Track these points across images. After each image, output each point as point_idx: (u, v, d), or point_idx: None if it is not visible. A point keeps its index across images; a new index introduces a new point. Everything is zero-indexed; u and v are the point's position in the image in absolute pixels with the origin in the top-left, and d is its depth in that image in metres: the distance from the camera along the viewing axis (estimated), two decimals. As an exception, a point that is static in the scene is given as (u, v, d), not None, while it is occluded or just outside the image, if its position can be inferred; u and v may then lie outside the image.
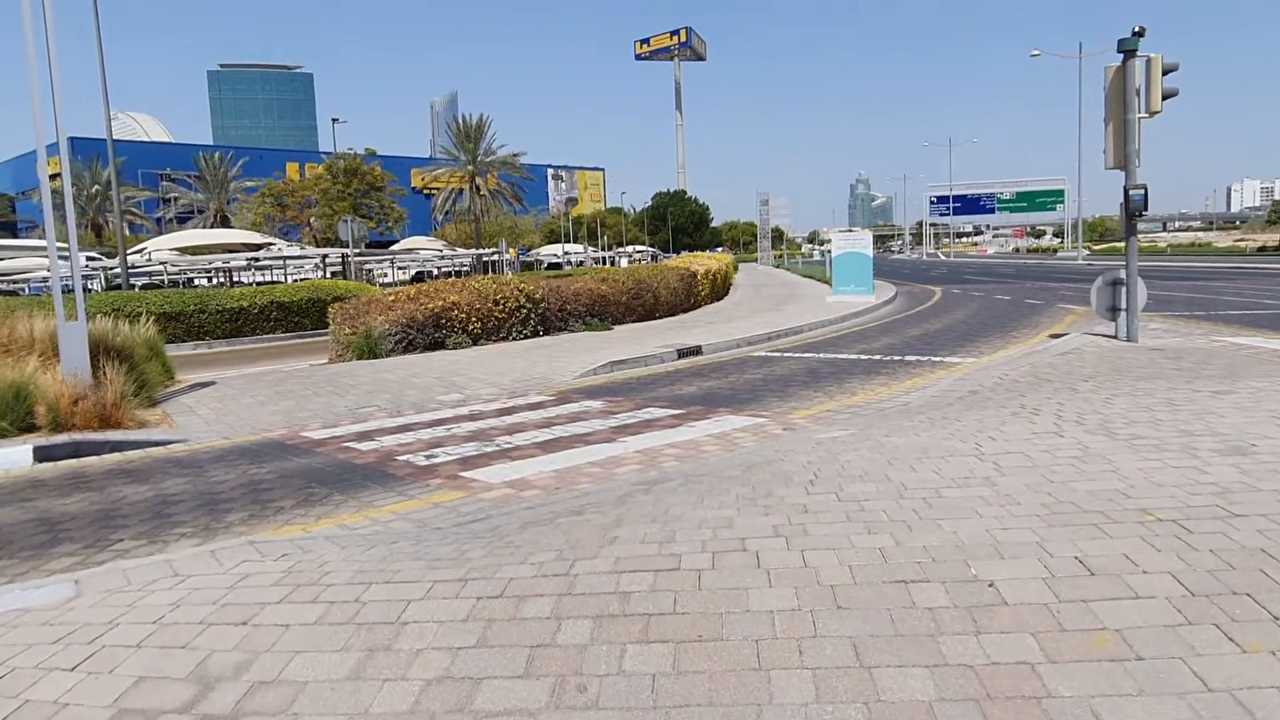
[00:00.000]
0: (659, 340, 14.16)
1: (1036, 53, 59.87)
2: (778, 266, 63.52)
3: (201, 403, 9.85)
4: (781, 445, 6.20)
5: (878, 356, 11.65)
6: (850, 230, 43.23)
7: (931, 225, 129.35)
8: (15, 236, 64.13)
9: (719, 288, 23.51)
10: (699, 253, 27.26)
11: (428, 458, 6.72)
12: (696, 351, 13.11)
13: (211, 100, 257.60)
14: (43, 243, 44.26)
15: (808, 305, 21.00)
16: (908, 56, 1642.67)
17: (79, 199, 51.21)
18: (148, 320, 11.64)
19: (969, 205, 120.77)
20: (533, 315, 14.92)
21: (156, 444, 7.95)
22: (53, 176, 50.00)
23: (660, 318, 18.17)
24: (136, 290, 20.85)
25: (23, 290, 40.65)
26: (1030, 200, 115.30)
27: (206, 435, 8.26)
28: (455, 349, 13.59)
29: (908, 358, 11.40)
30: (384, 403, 9.65)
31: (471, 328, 13.99)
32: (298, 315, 20.88)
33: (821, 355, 12.14)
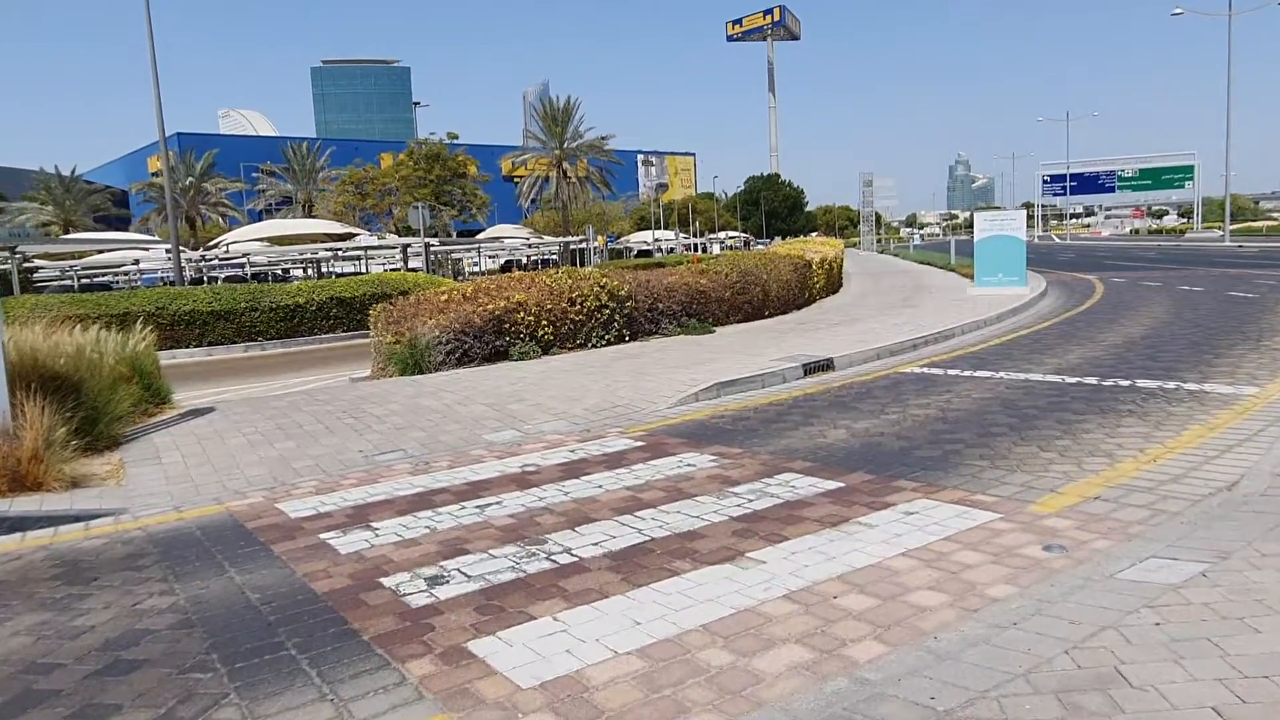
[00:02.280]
0: (775, 349, 11.19)
1: (1179, 11, 53.77)
2: (881, 252, 59.17)
3: (179, 442, 7.46)
4: (1079, 607, 3.23)
5: (1090, 380, 8.41)
6: (997, 209, 38.72)
7: (1041, 207, 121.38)
8: (125, 229, 65.20)
9: (834, 279, 20.27)
10: (810, 237, 24.19)
11: (430, 585, 4.02)
12: (828, 366, 10.11)
13: (315, 96, 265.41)
14: (117, 235, 44.20)
15: (944, 299, 17.59)
16: (1014, 29, 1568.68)
17: (173, 191, 51.31)
18: (144, 328, 9.40)
19: (1086, 184, 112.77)
20: (617, 316, 12.17)
21: (73, 519, 5.53)
22: (154, 174, 50.05)
23: (769, 316, 15.16)
24: (192, 287, 19.10)
25: (117, 284, 40.56)
26: (1155, 177, 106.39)
27: (152, 504, 5.81)
28: (520, 360, 10.97)
29: (1137, 382, 8.12)
30: (412, 446, 7.06)
31: (541, 333, 11.33)
32: (360, 312, 18.70)
33: (1003, 375, 8.96)
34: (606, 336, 12.10)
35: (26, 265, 34.29)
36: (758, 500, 5.06)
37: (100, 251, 40.37)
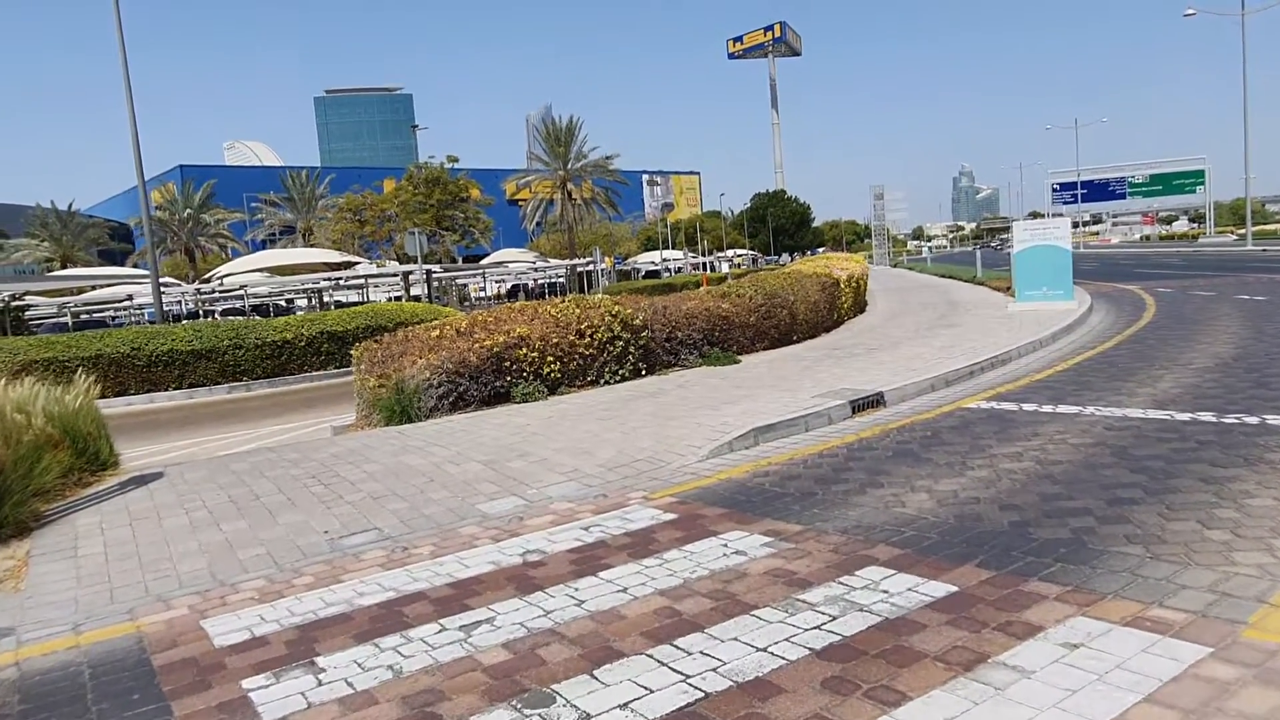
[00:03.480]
0: (812, 381, 9.83)
1: (1191, 12, 52.72)
2: (894, 266, 57.79)
3: (108, 524, 6.13)
4: None
5: (1205, 416, 7.02)
6: (1039, 218, 37.10)
7: (1050, 215, 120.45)
8: (124, 262, 64.40)
9: (860, 297, 18.91)
10: (821, 253, 22.70)
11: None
12: (878, 401, 8.74)
13: (319, 125, 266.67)
14: (106, 271, 43.16)
15: (985, 316, 16.21)
16: (1013, 37, 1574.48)
17: (170, 224, 50.54)
18: (87, 377, 8.10)
19: (1096, 191, 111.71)
20: (631, 348, 10.83)
21: (-68, 651, 4.20)
22: (159, 207, 49.04)
23: (797, 341, 13.80)
24: (170, 325, 17.88)
25: (115, 321, 39.42)
26: (1166, 183, 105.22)
27: (49, 620, 4.49)
28: (524, 402, 9.63)
29: (1267, 419, 6.72)
30: (389, 523, 5.73)
31: (547, 370, 10.00)
32: (353, 347, 17.45)
33: (1093, 411, 7.57)
34: (620, 371, 10.76)
35: (16, 304, 33.31)
36: (843, 617, 3.68)
37: (94, 287, 39.30)
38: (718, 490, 6.04)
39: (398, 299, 37.41)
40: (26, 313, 35.69)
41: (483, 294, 49.06)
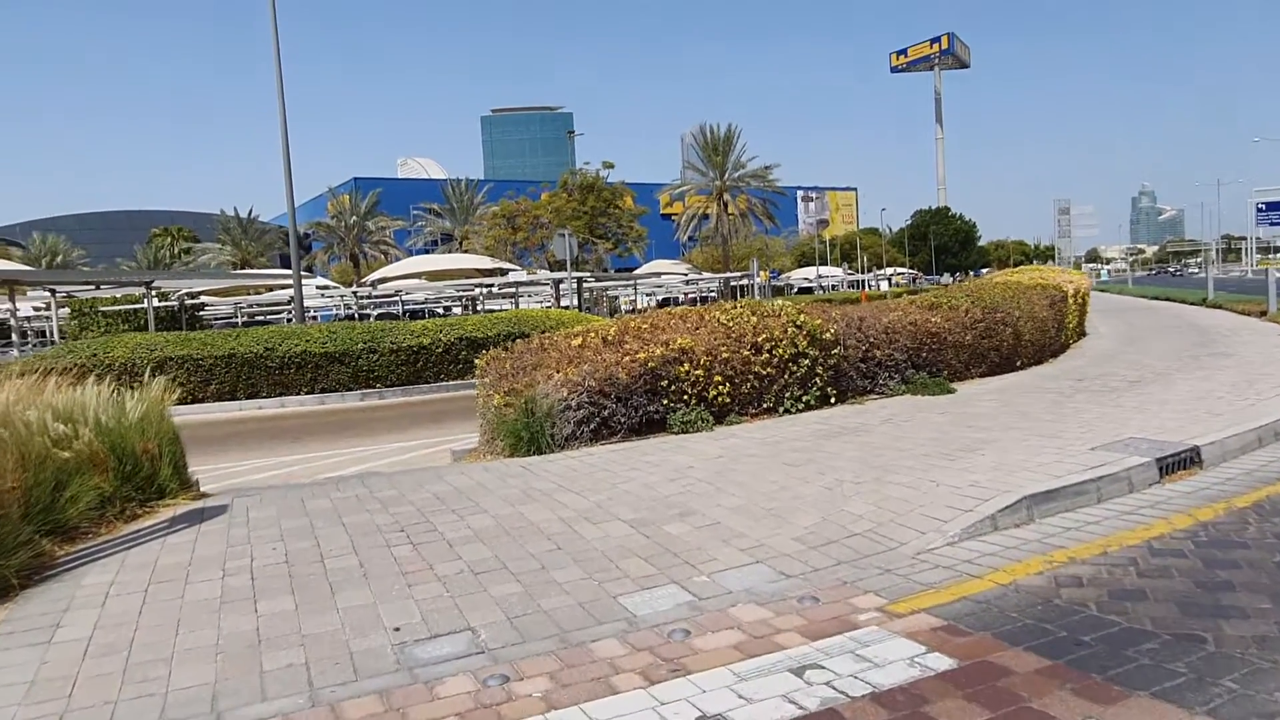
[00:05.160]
0: (1078, 425, 7.21)
1: None
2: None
3: (118, 588, 4.47)
4: None
5: None
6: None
7: (1243, 239, 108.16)
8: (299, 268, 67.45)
9: (1084, 316, 15.70)
10: (1044, 266, 19.43)
11: None
12: (1193, 460, 6.06)
13: (484, 142, 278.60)
14: (275, 271, 44.60)
15: (1261, 345, 12.76)
16: (1206, 48, 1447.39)
17: (338, 230, 52.38)
18: (164, 381, 6.67)
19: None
20: (819, 369, 8.55)
21: None
22: (333, 216, 50.52)
23: (1021, 368, 11.02)
24: (305, 325, 17.06)
25: (285, 320, 40.67)
26: None
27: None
28: (683, 433, 7.55)
29: None
30: (489, 619, 3.78)
31: (714, 394, 7.88)
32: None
33: None
34: (804, 398, 8.49)
35: (192, 303, 34.71)
36: None
37: (261, 289, 40.66)
38: (1004, 607, 3.71)
39: (548, 308, 36.53)
40: (203, 311, 37.28)
41: (633, 306, 47.77)
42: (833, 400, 8.73)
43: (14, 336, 21.30)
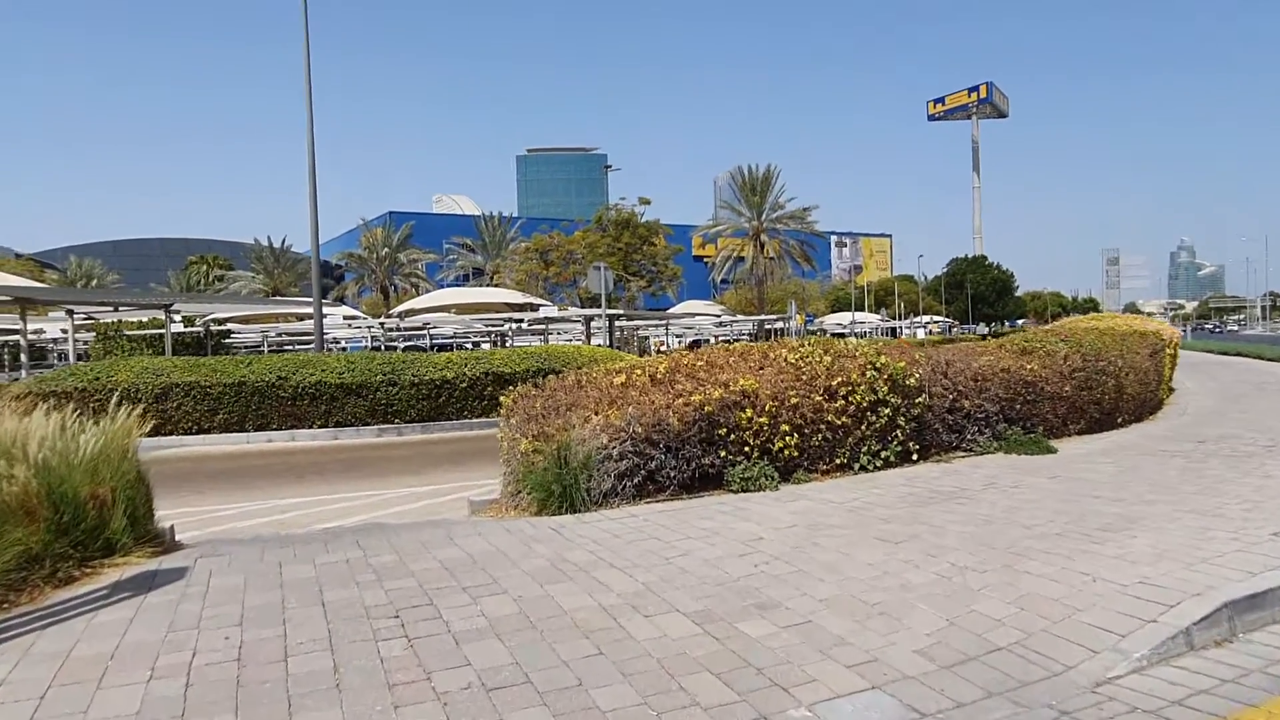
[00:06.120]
0: (1236, 501, 5.88)
1: None
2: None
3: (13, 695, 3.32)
4: None
5: None
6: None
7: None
8: (325, 297, 67.62)
9: (1172, 372, 14.26)
10: (1126, 314, 17.98)
11: None
12: None
13: (519, 181, 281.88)
14: (297, 299, 44.12)
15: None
16: (1247, 107, 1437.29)
17: (369, 262, 52.01)
18: (128, 412, 5.58)
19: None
20: (901, 419, 7.28)
21: None
22: (366, 248, 50.14)
23: (1123, 425, 9.65)
24: (322, 354, 16.06)
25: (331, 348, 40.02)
26: None
27: None
28: (744, 491, 6.31)
29: None
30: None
31: (780, 445, 6.64)
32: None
33: None
34: (884, 453, 7.22)
35: (218, 329, 34.21)
36: None
37: (291, 318, 40.15)
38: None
39: (579, 345, 35.51)
40: (229, 338, 36.76)
41: (664, 348, 46.63)
42: (914, 457, 7.45)
43: (23, 357, 20.55)
